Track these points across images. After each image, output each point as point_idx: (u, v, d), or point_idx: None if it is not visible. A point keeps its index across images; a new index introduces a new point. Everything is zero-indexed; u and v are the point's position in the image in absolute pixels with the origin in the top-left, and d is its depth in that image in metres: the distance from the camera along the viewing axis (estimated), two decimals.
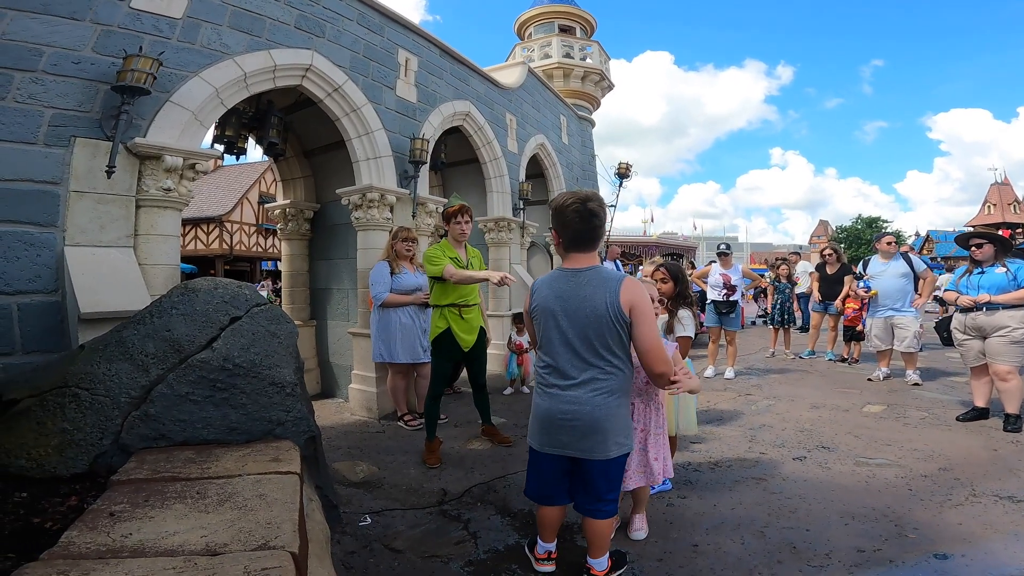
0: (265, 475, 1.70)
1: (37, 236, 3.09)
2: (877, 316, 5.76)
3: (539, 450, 2.13)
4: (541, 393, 2.14)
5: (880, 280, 5.73)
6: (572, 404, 2.01)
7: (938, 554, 2.31)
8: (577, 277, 2.05)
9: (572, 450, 2.04)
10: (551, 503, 2.21)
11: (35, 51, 3.12)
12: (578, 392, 2.01)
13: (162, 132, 3.56)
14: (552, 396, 2.07)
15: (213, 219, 19.74)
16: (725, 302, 6.33)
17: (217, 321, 2.12)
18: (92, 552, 1.24)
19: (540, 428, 2.12)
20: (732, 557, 2.36)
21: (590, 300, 1.99)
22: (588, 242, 2.10)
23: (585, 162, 11.00)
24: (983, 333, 4.14)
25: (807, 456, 3.58)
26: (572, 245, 2.10)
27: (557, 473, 2.14)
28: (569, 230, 2.08)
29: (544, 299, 2.10)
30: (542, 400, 2.12)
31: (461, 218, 3.88)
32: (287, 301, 6.28)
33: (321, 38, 4.76)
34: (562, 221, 2.09)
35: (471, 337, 3.81)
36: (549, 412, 2.07)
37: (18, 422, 1.89)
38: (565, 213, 2.07)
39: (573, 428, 2.01)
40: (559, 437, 2.05)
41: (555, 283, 2.10)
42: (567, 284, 2.06)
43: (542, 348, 2.14)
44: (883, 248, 5.88)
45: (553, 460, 2.11)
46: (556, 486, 2.17)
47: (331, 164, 5.91)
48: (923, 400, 5.00)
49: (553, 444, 2.08)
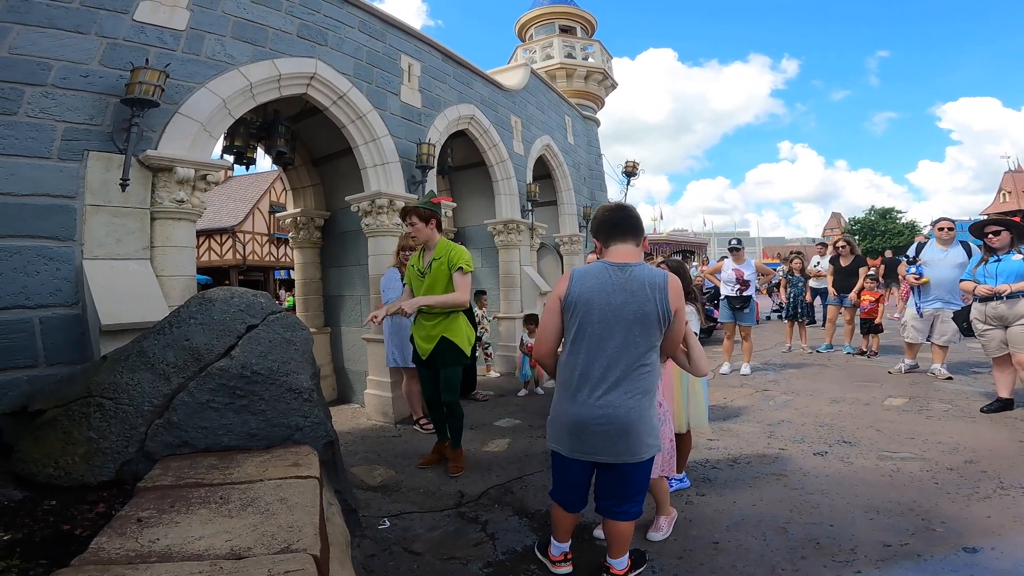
0: (286, 480, 1.72)
1: (56, 250, 3.15)
2: (926, 306, 5.39)
3: (568, 456, 2.04)
4: (569, 398, 2.01)
5: (935, 268, 5.35)
6: (606, 409, 1.93)
7: (967, 547, 2.27)
8: (624, 271, 1.96)
9: (605, 455, 1.97)
10: (578, 509, 2.17)
11: (44, 65, 3.17)
12: (611, 396, 1.93)
13: (173, 144, 3.62)
14: (582, 402, 1.97)
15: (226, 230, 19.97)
16: (739, 297, 6.25)
17: (234, 329, 2.15)
18: (121, 558, 1.26)
19: (569, 434, 2.01)
20: (754, 554, 2.33)
21: (638, 296, 1.91)
22: (626, 230, 2.05)
23: (592, 162, 10.99)
24: (1005, 322, 4.07)
25: (828, 451, 3.54)
26: (609, 237, 2.06)
27: (585, 478, 2.10)
28: (605, 223, 2.08)
29: (588, 290, 1.96)
30: (571, 406, 2.00)
31: (408, 219, 3.54)
32: (301, 309, 6.34)
33: (324, 46, 4.81)
34: (597, 224, 2.11)
35: (427, 346, 3.50)
36: (580, 418, 1.97)
37: (45, 432, 1.93)
38: (599, 215, 2.14)
39: (607, 434, 1.94)
40: (591, 443, 1.97)
41: (600, 275, 1.98)
42: (614, 277, 1.95)
43: (572, 345, 2.01)
44: (939, 235, 5.46)
45: (582, 465, 2.05)
46: (583, 491, 2.13)
47: (339, 171, 5.96)
48: (946, 392, 4.91)
49: (584, 450, 1.99)
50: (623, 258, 2.01)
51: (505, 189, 7.44)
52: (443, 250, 3.47)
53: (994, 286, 4.10)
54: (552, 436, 2.11)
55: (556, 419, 2.08)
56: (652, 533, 2.51)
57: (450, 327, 3.49)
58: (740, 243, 6.68)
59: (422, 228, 3.50)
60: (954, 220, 5.61)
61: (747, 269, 6.33)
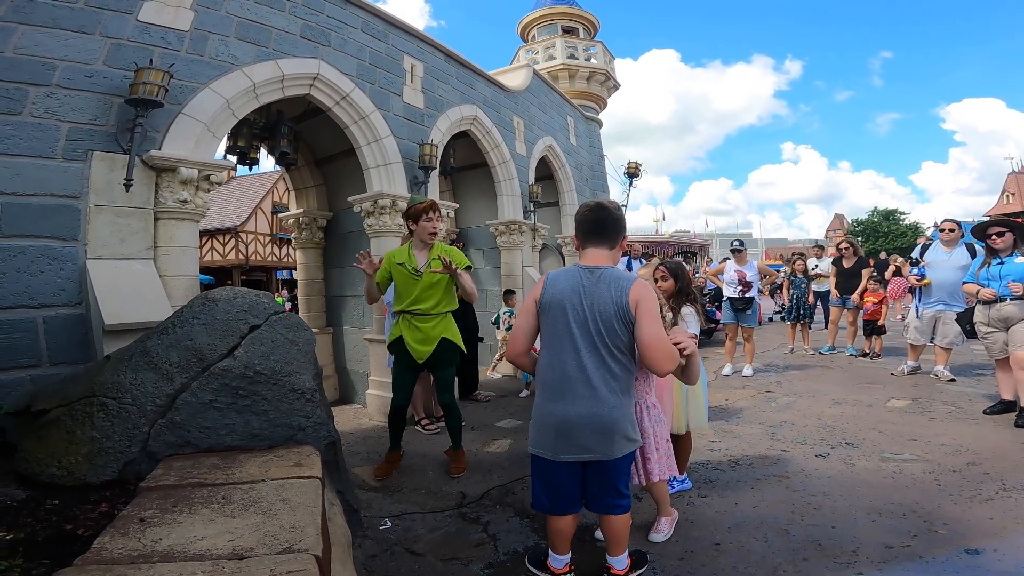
0: (288, 480, 1.73)
1: (60, 250, 3.16)
2: (927, 308, 5.38)
3: (554, 459, 2.03)
4: (551, 398, 2.02)
5: (938, 270, 5.32)
6: (590, 406, 1.95)
7: (969, 549, 2.26)
8: (594, 273, 2.03)
9: (592, 453, 1.98)
10: (569, 512, 2.12)
11: (48, 65, 3.18)
12: (593, 393, 1.96)
13: (176, 144, 3.63)
14: (565, 400, 1.98)
15: (228, 230, 20.02)
16: (741, 299, 6.25)
17: (237, 330, 2.15)
18: (124, 557, 1.26)
19: (555, 435, 2.00)
20: (755, 555, 2.33)
21: (604, 297, 1.97)
22: (600, 233, 2.11)
23: (594, 163, 10.98)
24: (1009, 324, 4.03)
25: (830, 453, 3.53)
26: (586, 239, 2.14)
27: (574, 479, 2.07)
28: (583, 225, 2.16)
29: (560, 292, 2.02)
30: (554, 405, 2.01)
31: (433, 214, 3.46)
32: (303, 309, 6.35)
33: (327, 47, 4.82)
34: (578, 222, 2.19)
35: (425, 348, 3.41)
36: (566, 417, 1.97)
37: (48, 432, 1.94)
38: (580, 213, 2.20)
39: (592, 430, 1.96)
40: (577, 441, 1.97)
41: (571, 278, 2.05)
42: (585, 280, 2.02)
43: (548, 347, 2.05)
44: (943, 236, 5.40)
45: (568, 467, 2.03)
46: (574, 493, 2.09)
47: (342, 172, 5.97)
48: (949, 394, 4.90)
49: (571, 450, 1.99)
50: (594, 261, 2.09)
51: (507, 190, 7.45)
52: (440, 251, 3.43)
53: (997, 289, 4.07)
54: (536, 441, 2.07)
55: (540, 421, 2.06)
56: (653, 535, 2.51)
57: (448, 328, 3.50)
58: (743, 245, 6.68)
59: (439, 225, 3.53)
60: (958, 221, 5.56)
61: (749, 270, 6.34)
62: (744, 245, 6.68)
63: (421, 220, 3.45)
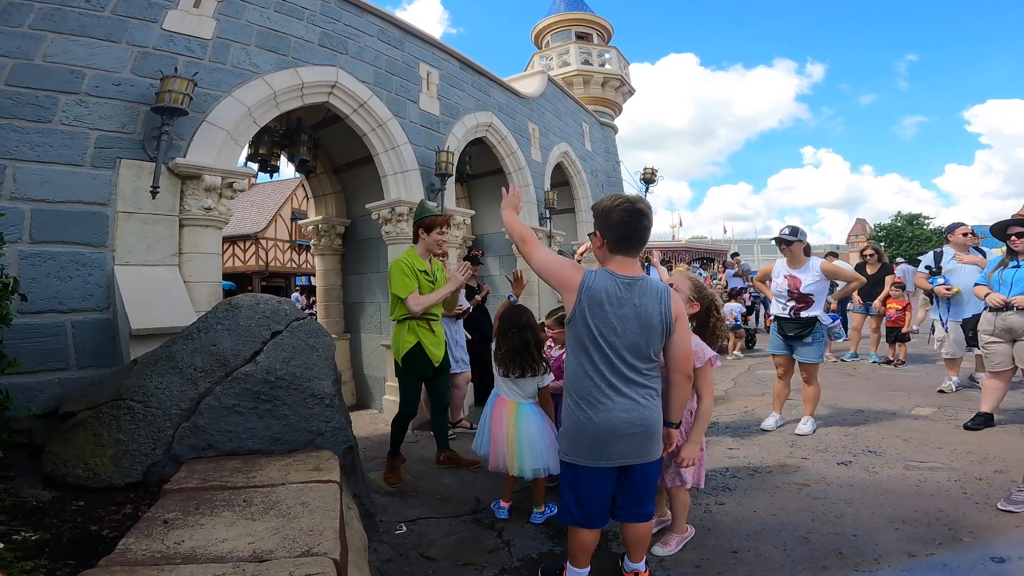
0: (307, 484, 1.75)
1: (88, 256, 3.25)
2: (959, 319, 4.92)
3: (593, 466, 1.97)
4: (589, 406, 1.95)
5: (960, 277, 4.95)
6: (631, 411, 1.94)
7: (995, 557, 2.21)
8: (631, 287, 1.96)
9: (632, 458, 1.96)
10: (601, 524, 2.07)
11: (77, 73, 3.27)
12: (633, 399, 1.95)
13: (200, 152, 3.71)
14: (605, 407, 1.93)
15: (249, 236, 20.36)
16: (793, 319, 4.11)
17: (260, 335, 2.19)
18: (147, 559, 1.29)
19: (592, 443, 1.96)
20: (774, 563, 2.29)
21: (646, 309, 1.94)
22: (636, 243, 2.02)
23: (610, 168, 10.96)
24: (1014, 336, 3.73)
25: (852, 460, 3.46)
26: (618, 247, 2.00)
27: (610, 489, 2.03)
28: (618, 230, 1.98)
29: (599, 291, 1.94)
30: (593, 413, 1.94)
31: (447, 229, 3.58)
32: (322, 315, 6.43)
33: (344, 55, 4.90)
34: (607, 221, 2.00)
35: (440, 351, 3.52)
36: (609, 423, 1.92)
37: (75, 434, 1.99)
38: (612, 212, 1.99)
39: (634, 435, 1.95)
40: (618, 448, 1.95)
41: (609, 285, 1.96)
42: (622, 290, 1.95)
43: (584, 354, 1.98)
44: (958, 240, 5.12)
45: (605, 475, 2.00)
46: (607, 504, 2.05)
47: (360, 179, 6.04)
48: (975, 402, 4.75)
49: (611, 456, 1.96)
50: (626, 270, 2.00)
51: (523, 197, 7.46)
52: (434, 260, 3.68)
53: (1007, 295, 3.78)
54: (571, 451, 2.01)
55: (578, 431, 1.99)
56: (659, 548, 2.44)
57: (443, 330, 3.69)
58: (794, 233, 4.15)
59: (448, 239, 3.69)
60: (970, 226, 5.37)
61: (806, 275, 4.08)
62: (797, 234, 4.16)
63: (434, 232, 3.49)
